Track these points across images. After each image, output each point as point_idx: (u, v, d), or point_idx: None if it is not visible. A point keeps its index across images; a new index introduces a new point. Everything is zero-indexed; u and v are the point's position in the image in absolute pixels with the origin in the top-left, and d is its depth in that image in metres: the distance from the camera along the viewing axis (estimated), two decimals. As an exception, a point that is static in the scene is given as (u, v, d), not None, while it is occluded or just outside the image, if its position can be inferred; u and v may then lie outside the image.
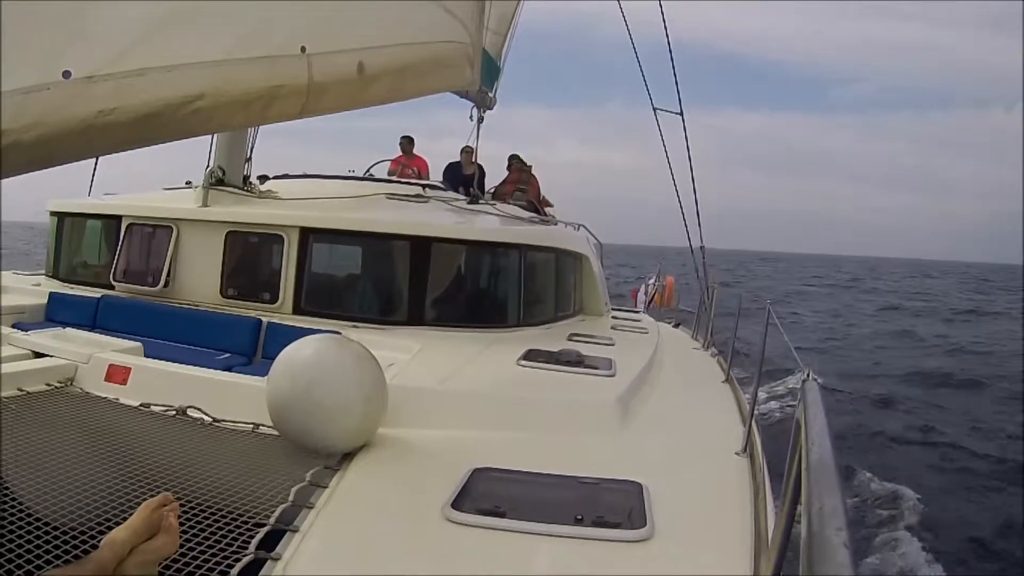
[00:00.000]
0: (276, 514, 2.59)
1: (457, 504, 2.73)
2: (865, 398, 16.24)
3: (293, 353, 3.37)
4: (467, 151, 9.96)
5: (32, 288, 6.80)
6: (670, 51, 9.17)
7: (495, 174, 10.27)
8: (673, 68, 9.26)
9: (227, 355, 5.50)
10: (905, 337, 27.78)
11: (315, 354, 3.36)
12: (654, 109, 9.29)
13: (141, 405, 3.82)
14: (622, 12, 9.34)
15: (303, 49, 2.53)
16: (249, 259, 6.45)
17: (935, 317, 36.68)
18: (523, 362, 4.80)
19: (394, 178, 8.91)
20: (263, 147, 7.29)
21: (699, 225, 9.57)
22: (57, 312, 6.29)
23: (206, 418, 3.68)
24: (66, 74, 1.82)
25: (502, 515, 2.66)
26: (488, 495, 2.83)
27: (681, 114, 9.23)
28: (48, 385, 4.03)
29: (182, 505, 2.55)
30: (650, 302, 13.99)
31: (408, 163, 9.99)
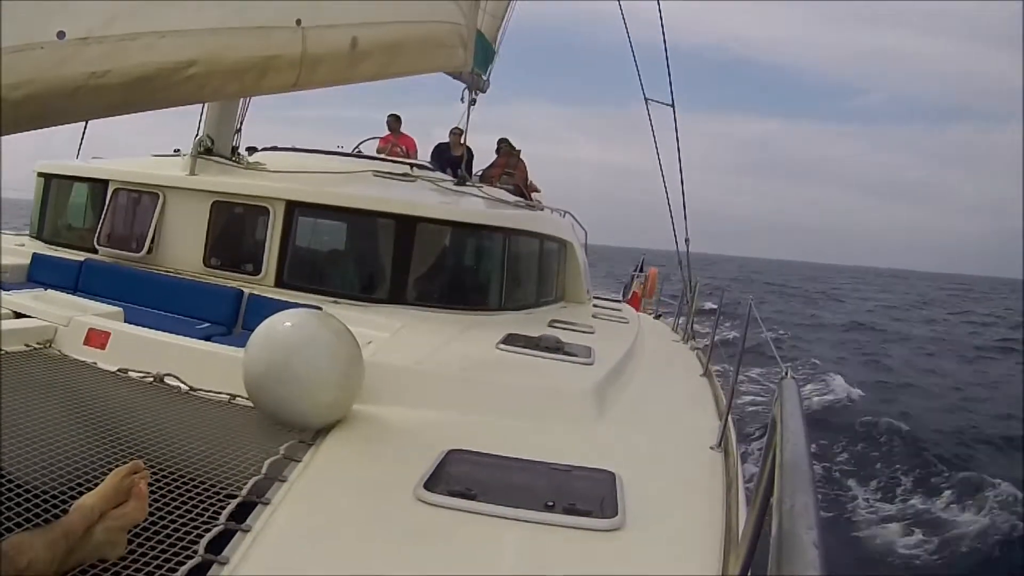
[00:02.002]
0: (248, 486, 2.59)
1: (430, 485, 2.73)
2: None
3: (272, 325, 3.37)
4: (455, 132, 9.95)
5: (15, 248, 6.76)
6: (664, 39, 9.19)
7: (485, 161, 10.31)
8: (667, 58, 9.28)
9: (207, 324, 5.49)
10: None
11: (295, 327, 3.36)
12: (645, 99, 9.31)
13: (119, 370, 3.81)
14: (620, 8, 9.37)
15: (298, 21, 2.52)
16: (234, 230, 6.43)
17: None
18: (502, 346, 4.81)
19: (382, 156, 8.89)
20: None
21: (684, 218, 9.64)
22: (39, 273, 6.27)
23: (183, 387, 3.68)
24: (60, 34, 1.82)
25: (473, 498, 2.66)
26: (461, 477, 2.84)
27: (672, 105, 9.25)
28: (27, 346, 4.02)
29: (155, 473, 2.56)
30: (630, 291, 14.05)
31: (396, 141, 9.97)
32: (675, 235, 9.72)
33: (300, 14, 2.52)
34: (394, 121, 10.19)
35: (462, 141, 9.51)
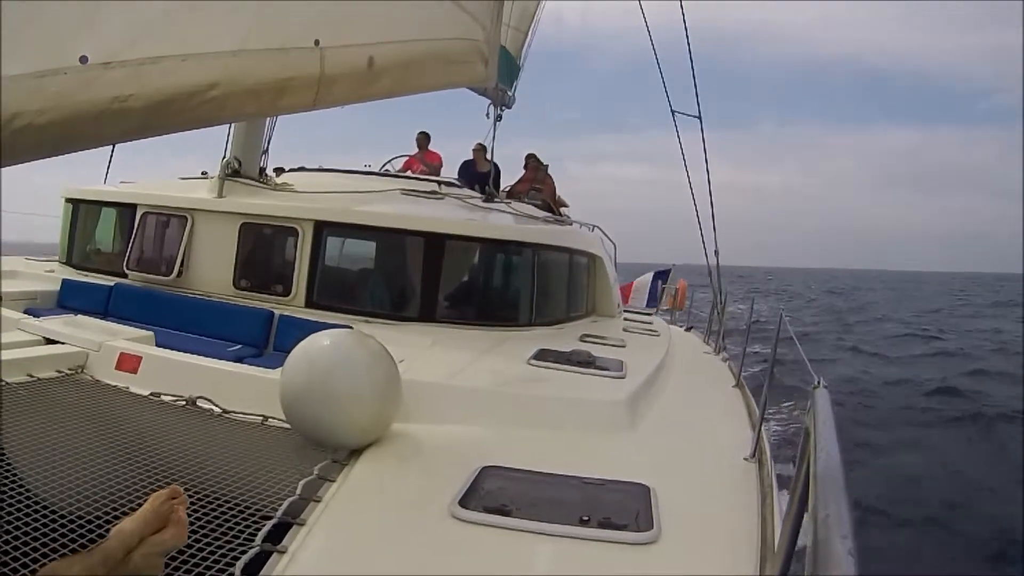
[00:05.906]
0: (283, 507, 2.58)
1: (464, 502, 2.72)
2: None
3: (310, 345, 3.36)
4: (480, 148, 9.95)
5: (45, 274, 6.84)
6: (689, 51, 9.13)
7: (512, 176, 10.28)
8: (692, 70, 9.22)
9: (238, 346, 5.51)
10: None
11: (333, 347, 3.36)
12: (672, 112, 9.25)
13: (151, 394, 3.83)
14: (643, 14, 9.33)
15: (317, 42, 2.53)
16: (263, 251, 6.47)
17: None
18: (534, 361, 4.78)
19: (409, 173, 8.92)
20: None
21: (714, 229, 9.54)
22: (69, 299, 6.33)
23: (216, 409, 3.69)
24: (83, 59, 1.82)
25: (508, 514, 2.64)
26: (495, 493, 2.82)
27: (699, 117, 9.19)
28: (58, 372, 4.05)
29: (190, 496, 2.56)
30: (658, 301, 13.90)
31: (423, 158, 10.00)
32: (704, 246, 9.63)
33: (318, 34, 2.52)
34: (423, 138, 10.23)
35: (487, 157, 9.51)
